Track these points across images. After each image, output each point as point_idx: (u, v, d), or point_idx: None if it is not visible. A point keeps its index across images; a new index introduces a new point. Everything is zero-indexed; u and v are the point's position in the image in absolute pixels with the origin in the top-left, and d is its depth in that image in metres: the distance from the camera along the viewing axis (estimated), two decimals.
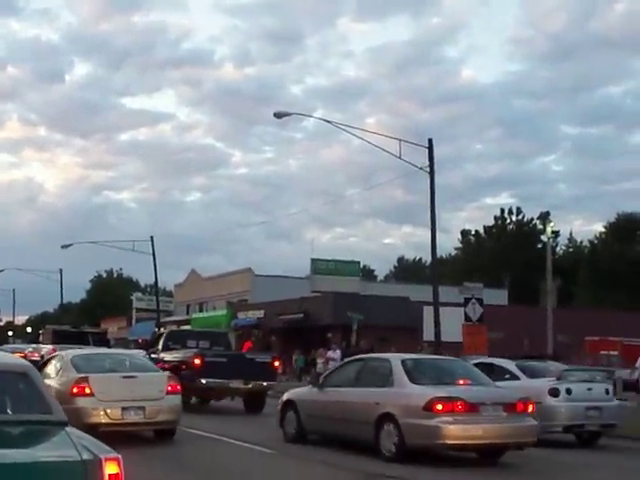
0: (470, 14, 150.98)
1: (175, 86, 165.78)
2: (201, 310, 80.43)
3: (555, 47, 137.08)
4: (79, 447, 6.29)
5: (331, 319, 52.88)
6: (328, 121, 38.75)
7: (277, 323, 59.76)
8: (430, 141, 37.00)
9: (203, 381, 24.79)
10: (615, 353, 41.91)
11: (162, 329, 41.84)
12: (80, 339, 41.83)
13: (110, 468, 6.13)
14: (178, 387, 17.93)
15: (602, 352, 42.24)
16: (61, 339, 40.87)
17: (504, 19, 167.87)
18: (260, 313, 63.44)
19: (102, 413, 16.12)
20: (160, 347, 30.01)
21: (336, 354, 40.40)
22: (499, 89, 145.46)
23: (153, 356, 28.03)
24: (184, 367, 25.57)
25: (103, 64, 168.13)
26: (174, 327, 49.36)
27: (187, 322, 77.68)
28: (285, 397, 18.34)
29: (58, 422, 6.90)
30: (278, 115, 36.75)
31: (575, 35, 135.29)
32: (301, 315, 57.21)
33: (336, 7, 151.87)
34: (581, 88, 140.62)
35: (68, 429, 6.81)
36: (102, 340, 45.70)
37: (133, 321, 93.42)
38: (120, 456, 6.26)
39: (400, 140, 36.37)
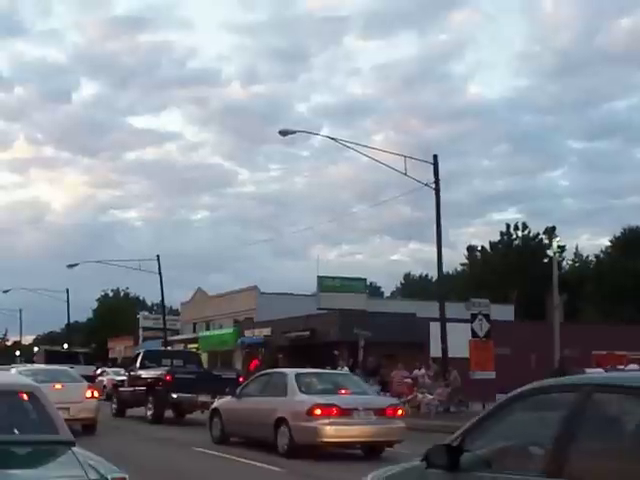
0: (477, 30, 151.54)
1: (182, 105, 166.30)
2: (208, 328, 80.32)
3: (562, 62, 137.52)
4: (86, 467, 6.33)
5: (338, 336, 52.79)
6: (333, 138, 38.92)
7: (283, 341, 59.68)
8: (435, 157, 37.15)
9: (174, 396, 28.62)
10: (622, 367, 41.79)
11: (169, 347, 45.46)
12: (70, 359, 44.69)
13: None
14: (96, 394, 25.19)
15: (609, 366, 42.13)
16: (53, 359, 42.42)
17: (511, 35, 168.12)
18: (267, 331, 63.38)
19: None
20: (137, 365, 33.81)
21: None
22: (506, 105, 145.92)
23: (132, 374, 33.48)
24: (159, 383, 29.59)
25: (109, 83, 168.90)
26: (152, 348, 52.86)
27: (194, 340, 77.73)
28: (213, 406, 22.59)
29: (65, 442, 6.95)
30: (283, 133, 36.91)
31: (581, 50, 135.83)
32: (307, 332, 57.13)
33: (342, 25, 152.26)
34: (587, 103, 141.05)
35: (75, 449, 6.85)
36: (92, 359, 50.46)
37: (140, 340, 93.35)
38: (127, 476, 6.39)
39: (405, 157, 36.58)
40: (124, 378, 35.04)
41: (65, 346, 79.49)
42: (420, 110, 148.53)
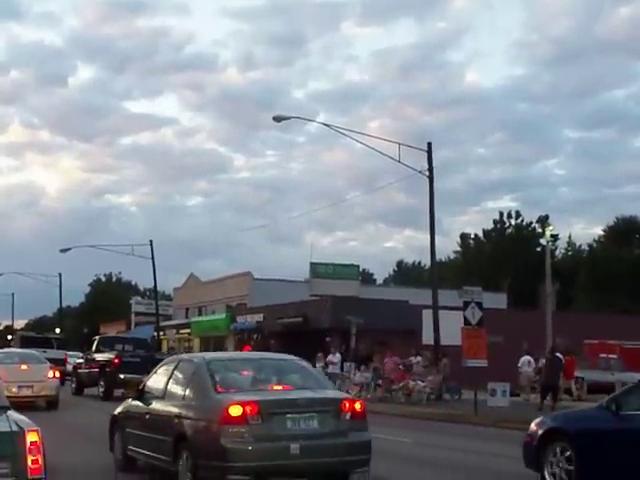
0: (475, 18, 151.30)
1: (178, 90, 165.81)
2: (200, 314, 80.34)
3: (559, 51, 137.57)
4: (12, 423, 8.80)
5: (330, 323, 52.81)
6: (328, 125, 38.89)
7: (276, 327, 59.69)
8: (429, 145, 37.14)
9: (122, 376, 33.00)
10: (614, 356, 41.88)
11: (162, 333, 48.21)
12: (44, 344, 47.99)
13: (31, 437, 8.50)
14: (57, 374, 28.80)
15: (601, 355, 42.22)
16: (28, 344, 44.77)
17: (509, 23, 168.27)
18: (259, 317, 63.40)
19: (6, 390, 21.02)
20: (93, 349, 39.31)
21: (336, 357, 40.40)
22: (503, 93, 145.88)
23: (88, 357, 38.75)
24: (109, 365, 34.63)
25: (106, 68, 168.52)
26: (107, 334, 60.58)
27: (186, 326, 77.78)
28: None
29: (2, 407, 9.44)
30: (277, 119, 36.87)
31: (579, 39, 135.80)
32: (300, 319, 57.14)
33: (340, 11, 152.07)
34: (584, 92, 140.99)
35: (9, 412, 9.29)
36: (64, 344, 52.91)
37: (132, 325, 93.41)
38: (39, 428, 8.59)
39: (399, 144, 36.52)
40: (82, 361, 39.95)
41: (58, 330, 79.49)
42: (417, 97, 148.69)
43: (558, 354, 32.13)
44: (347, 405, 11.86)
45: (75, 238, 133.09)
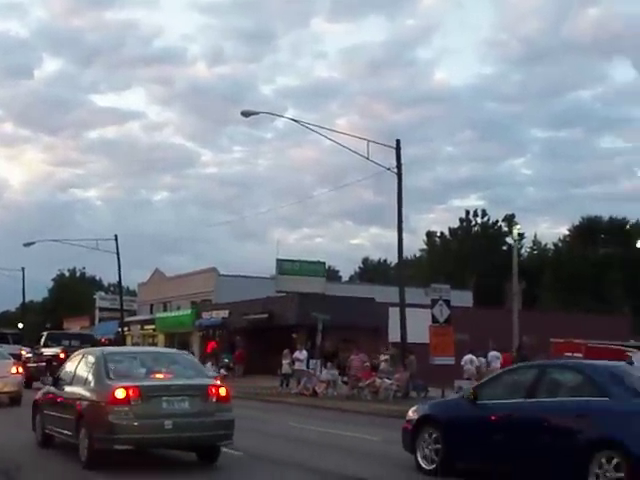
0: (444, 16, 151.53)
1: (146, 84, 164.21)
2: (165, 309, 79.92)
3: (528, 51, 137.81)
4: None
5: (296, 319, 52.66)
6: (296, 121, 38.67)
7: (242, 323, 59.45)
8: (398, 142, 37.03)
9: None
10: (580, 355, 41.94)
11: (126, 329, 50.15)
12: (1, 339, 48.26)
13: None
14: (20, 370, 28.77)
15: (567, 354, 42.27)
16: None
17: (478, 22, 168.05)
18: (225, 313, 63.10)
19: None
20: (42, 344, 42.07)
21: (302, 354, 40.25)
22: (471, 92, 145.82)
23: (36, 351, 41.61)
24: (55, 359, 36.37)
25: (73, 60, 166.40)
26: (53, 330, 59.66)
27: (151, 322, 77.28)
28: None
29: None
30: (246, 114, 36.61)
31: (548, 39, 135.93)
32: (266, 315, 56.94)
33: (310, 7, 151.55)
34: (552, 92, 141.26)
35: None
36: (20, 340, 53.66)
37: (96, 320, 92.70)
38: None
39: (368, 141, 36.37)
40: (30, 355, 42.10)
41: (20, 325, 78.83)
42: (385, 95, 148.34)
43: (524, 352, 32.21)
44: (213, 390, 14.49)
45: (40, 232, 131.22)
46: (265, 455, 16.51)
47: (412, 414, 15.12)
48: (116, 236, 62.35)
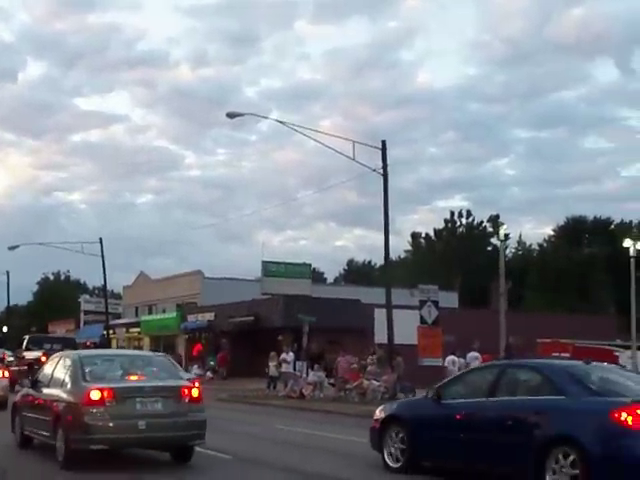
0: (427, 18, 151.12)
1: (129, 87, 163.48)
2: (150, 312, 79.59)
3: (512, 52, 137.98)
4: None
5: (282, 322, 52.55)
6: (282, 122, 38.50)
7: (227, 326, 59.31)
8: (383, 143, 36.87)
9: None
10: (567, 355, 41.97)
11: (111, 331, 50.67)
12: None
13: None
14: (6, 374, 29.06)
15: (554, 354, 42.28)
16: None
17: (461, 23, 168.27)
18: (210, 316, 62.95)
19: None
20: (23, 348, 42.27)
21: (289, 356, 40.13)
22: (455, 93, 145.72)
23: (18, 355, 41.93)
24: (37, 363, 35.69)
25: (57, 64, 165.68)
26: (36, 334, 59.47)
27: (136, 325, 76.96)
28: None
29: None
30: (231, 115, 36.44)
31: (531, 40, 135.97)
32: (252, 318, 56.83)
33: (293, 9, 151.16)
34: (536, 92, 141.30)
35: None
36: (2, 343, 56.90)
37: (81, 324, 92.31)
38: None
39: (354, 142, 36.24)
40: (12, 359, 42.95)
41: (5, 329, 78.50)
42: (369, 96, 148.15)
43: (511, 353, 32.15)
44: (186, 392, 14.84)
45: (24, 235, 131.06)
46: (253, 458, 16.48)
47: (379, 413, 15.48)
48: (101, 239, 62.17)
